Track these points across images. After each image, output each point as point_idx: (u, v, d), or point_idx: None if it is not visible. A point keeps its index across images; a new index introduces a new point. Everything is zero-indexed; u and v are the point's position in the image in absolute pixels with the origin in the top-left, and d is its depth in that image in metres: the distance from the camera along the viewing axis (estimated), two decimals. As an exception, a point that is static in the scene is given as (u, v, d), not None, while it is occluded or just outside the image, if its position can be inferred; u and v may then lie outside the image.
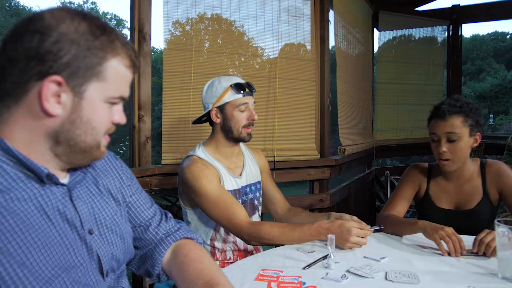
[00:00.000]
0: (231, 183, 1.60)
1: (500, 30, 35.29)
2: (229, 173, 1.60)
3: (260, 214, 1.74)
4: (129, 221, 0.95)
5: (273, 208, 1.77)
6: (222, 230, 1.58)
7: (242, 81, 1.59)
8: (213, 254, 1.60)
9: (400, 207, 1.65)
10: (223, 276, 0.87)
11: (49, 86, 0.69)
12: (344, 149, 2.67)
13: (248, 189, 1.67)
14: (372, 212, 3.80)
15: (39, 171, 0.72)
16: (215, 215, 1.47)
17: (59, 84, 0.69)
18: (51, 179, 0.74)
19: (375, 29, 3.99)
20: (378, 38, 3.97)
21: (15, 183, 0.69)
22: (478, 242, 1.25)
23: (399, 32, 4.10)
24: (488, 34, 32.55)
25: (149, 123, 2.30)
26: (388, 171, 2.80)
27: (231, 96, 1.54)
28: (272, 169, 2.39)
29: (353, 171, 3.81)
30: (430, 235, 1.31)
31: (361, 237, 1.32)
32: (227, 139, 1.60)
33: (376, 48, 4.00)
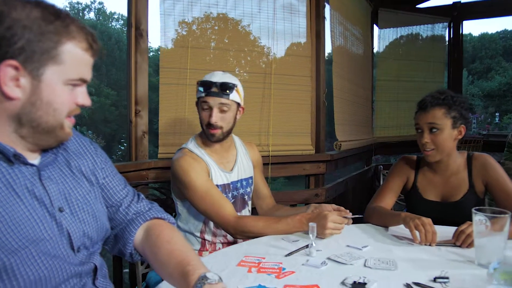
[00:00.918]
0: (221, 177, 1.62)
1: (509, 28, 34.86)
2: (219, 167, 1.63)
3: (250, 209, 1.77)
4: (103, 202, 0.99)
5: (259, 203, 1.80)
6: (211, 223, 1.61)
7: (217, 79, 1.53)
8: (203, 245, 1.63)
9: (388, 199, 1.67)
10: (195, 256, 0.90)
11: (6, 71, 0.73)
12: (340, 144, 2.69)
13: (239, 184, 1.69)
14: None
15: (6, 150, 0.76)
16: (202, 208, 1.50)
17: (16, 68, 0.73)
18: (19, 159, 0.78)
19: (375, 27, 4.00)
20: (378, 35, 3.97)
21: None
22: (458, 232, 1.27)
23: (399, 30, 4.10)
24: (497, 32, 32.09)
25: (146, 118, 2.34)
26: (381, 166, 2.81)
27: (197, 93, 1.56)
28: (267, 164, 2.42)
29: (353, 167, 3.82)
30: (407, 223, 1.34)
31: (338, 224, 1.35)
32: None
33: (376, 45, 4.01)
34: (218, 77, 1.56)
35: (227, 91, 1.54)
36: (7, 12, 0.72)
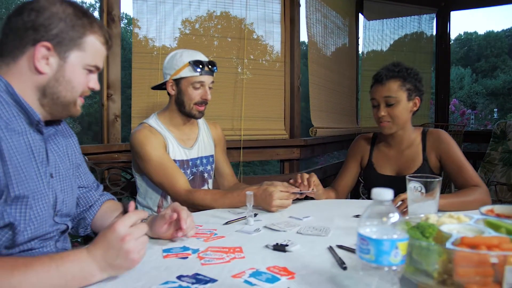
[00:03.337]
0: (180, 153, 1.64)
1: (515, 27, 34.40)
2: (178, 143, 1.65)
3: (211, 187, 1.78)
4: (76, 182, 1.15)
5: (221, 181, 1.82)
6: (169, 198, 1.63)
7: (204, 58, 1.61)
8: (160, 220, 1.65)
9: (344, 180, 1.70)
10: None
11: (40, 50, 0.91)
12: (316, 130, 2.69)
13: (198, 162, 1.71)
14: (354, 197, 3.79)
15: (34, 115, 0.93)
16: (156, 180, 1.53)
17: (48, 49, 0.91)
18: (38, 125, 0.94)
19: (363, 18, 3.98)
20: (364, 25, 3.96)
21: (14, 118, 0.91)
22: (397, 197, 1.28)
23: (386, 21, 4.08)
24: (503, 30, 31.75)
25: (118, 102, 2.36)
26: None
27: (188, 72, 1.57)
28: (238, 148, 2.44)
29: (340, 157, 3.81)
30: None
31: (285, 200, 1.35)
32: (180, 112, 1.64)
33: (361, 35, 3.99)
34: (202, 55, 1.63)
35: (215, 69, 1.63)
36: (48, 6, 0.92)
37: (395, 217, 0.60)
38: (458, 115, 8.37)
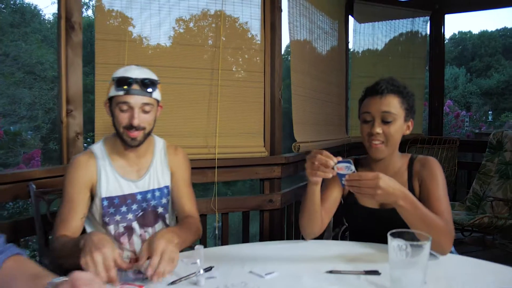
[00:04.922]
0: (120, 187, 1.40)
1: (509, 26, 34.45)
2: (121, 175, 1.41)
3: (168, 223, 1.52)
4: None
5: (179, 219, 1.54)
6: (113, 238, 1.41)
7: (136, 75, 1.33)
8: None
9: (330, 201, 1.46)
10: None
11: None
12: (299, 146, 2.48)
13: (150, 195, 1.45)
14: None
15: None
16: (57, 215, 1.36)
17: None
18: None
19: (353, 20, 3.78)
20: (354, 29, 3.76)
21: None
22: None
23: (377, 24, 3.88)
24: (497, 30, 31.77)
25: (80, 118, 2.14)
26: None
27: (114, 91, 1.33)
28: (212, 168, 2.22)
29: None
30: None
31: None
32: (119, 137, 1.40)
33: (351, 40, 3.79)
34: (137, 72, 1.34)
35: (150, 89, 1.34)
36: None
37: None
38: (453, 117, 8.23)
